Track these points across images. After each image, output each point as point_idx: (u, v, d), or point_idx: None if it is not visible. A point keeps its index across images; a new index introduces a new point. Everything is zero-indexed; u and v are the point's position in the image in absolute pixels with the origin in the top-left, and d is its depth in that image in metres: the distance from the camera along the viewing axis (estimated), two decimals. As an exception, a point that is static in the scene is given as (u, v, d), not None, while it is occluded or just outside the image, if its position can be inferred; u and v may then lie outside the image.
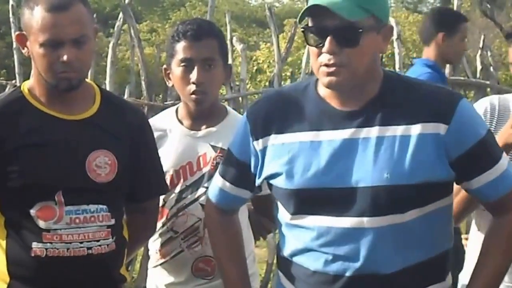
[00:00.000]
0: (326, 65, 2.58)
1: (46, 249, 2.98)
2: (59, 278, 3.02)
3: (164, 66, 3.62)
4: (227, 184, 2.92)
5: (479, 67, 7.35)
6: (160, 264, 3.62)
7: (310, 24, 2.62)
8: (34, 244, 2.98)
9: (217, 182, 2.96)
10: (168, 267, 3.58)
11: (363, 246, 2.60)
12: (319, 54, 2.59)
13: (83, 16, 3.02)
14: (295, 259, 2.73)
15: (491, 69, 7.45)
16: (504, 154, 2.76)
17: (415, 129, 2.61)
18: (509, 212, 2.73)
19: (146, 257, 6.59)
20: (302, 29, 2.67)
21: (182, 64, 3.46)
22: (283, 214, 2.75)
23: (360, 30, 2.55)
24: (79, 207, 3.01)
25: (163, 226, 3.53)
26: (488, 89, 7.15)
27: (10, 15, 7.02)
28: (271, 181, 2.75)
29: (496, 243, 2.76)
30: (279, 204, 2.79)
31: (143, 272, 7.05)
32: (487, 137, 2.68)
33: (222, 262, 3.05)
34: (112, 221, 3.09)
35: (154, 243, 3.59)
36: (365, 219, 2.60)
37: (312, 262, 2.67)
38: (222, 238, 3.02)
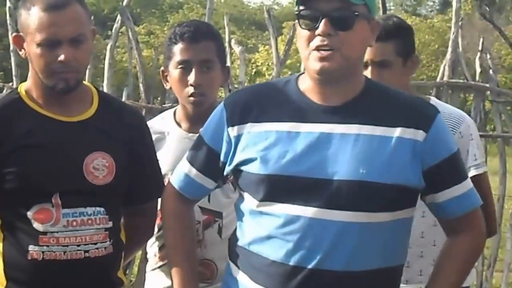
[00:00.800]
0: (318, 49, 2.61)
1: (43, 252, 2.98)
2: (56, 281, 3.02)
3: (162, 68, 3.64)
4: (194, 170, 2.94)
5: (478, 70, 7.37)
6: (159, 267, 3.63)
7: (303, 8, 2.65)
8: (31, 247, 2.98)
9: (183, 168, 2.98)
10: (167, 271, 3.53)
11: (328, 239, 2.63)
12: (311, 38, 2.62)
13: (80, 15, 3.03)
14: (253, 248, 2.75)
15: (491, 72, 7.47)
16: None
17: (395, 132, 2.67)
18: (467, 232, 2.82)
19: (144, 260, 6.59)
20: (296, 13, 2.68)
21: (180, 66, 3.47)
22: (249, 202, 2.78)
23: (356, 13, 2.61)
24: (76, 210, 3.01)
25: (161, 229, 3.51)
26: (488, 92, 7.16)
27: (7, 17, 7.03)
28: (243, 167, 2.77)
29: (451, 262, 2.82)
30: (244, 194, 2.80)
31: (141, 276, 7.05)
32: (458, 154, 2.78)
33: (170, 244, 3.06)
34: (110, 224, 3.09)
35: (152, 246, 3.60)
36: (334, 211, 2.62)
37: (273, 251, 2.69)
38: (176, 223, 3.03)
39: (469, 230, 2.80)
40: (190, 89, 3.45)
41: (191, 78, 3.44)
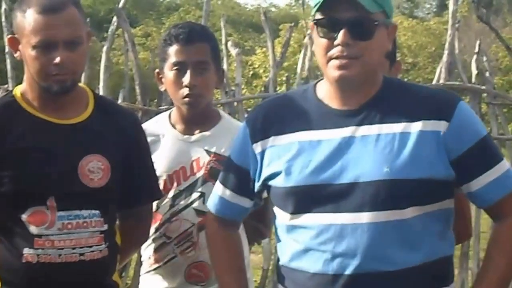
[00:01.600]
0: (338, 58, 2.61)
1: (38, 255, 2.99)
2: (51, 284, 3.03)
3: (157, 70, 3.66)
4: (227, 192, 2.93)
5: (474, 72, 7.37)
6: (153, 270, 3.63)
7: (321, 16, 2.64)
8: (26, 250, 2.99)
9: (217, 191, 2.97)
10: (161, 273, 3.60)
11: (362, 243, 2.62)
12: (330, 47, 2.62)
13: (76, 18, 3.04)
14: (294, 264, 2.74)
15: (487, 74, 7.47)
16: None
17: (415, 126, 2.66)
18: (508, 218, 2.74)
19: (140, 263, 6.61)
20: (314, 22, 2.67)
21: (175, 67, 3.49)
22: (282, 217, 2.77)
23: (376, 23, 2.61)
24: (71, 213, 3.02)
25: (156, 231, 3.54)
26: (484, 95, 7.17)
27: (3, 18, 7.01)
28: (270, 182, 2.77)
29: (499, 248, 2.77)
30: (276, 209, 2.79)
31: (137, 279, 7.03)
32: (488, 137, 2.72)
33: (221, 276, 3.03)
34: (105, 227, 3.10)
35: (147, 249, 3.61)
36: (364, 214, 2.62)
37: (312, 264, 2.68)
38: (222, 251, 3.02)
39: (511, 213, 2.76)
40: (185, 91, 3.47)
41: (186, 79, 3.46)
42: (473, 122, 2.73)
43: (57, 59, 2.96)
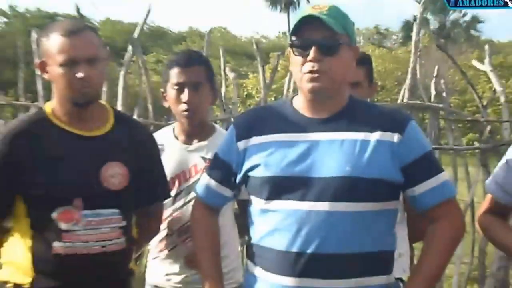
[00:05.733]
0: (310, 72, 2.67)
1: (66, 247, 2.99)
2: (77, 272, 3.02)
3: (161, 89, 3.69)
4: (212, 182, 2.98)
5: (433, 93, 7.41)
6: (159, 256, 3.68)
7: (296, 38, 2.72)
8: (55, 244, 2.98)
9: (204, 180, 3.02)
10: (165, 259, 3.64)
11: (322, 227, 2.64)
12: (303, 63, 2.69)
13: (94, 39, 3.07)
14: (263, 243, 2.77)
15: (444, 94, 7.53)
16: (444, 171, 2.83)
17: (374, 136, 2.70)
18: (444, 219, 2.79)
19: (152, 253, 6.56)
20: (290, 44, 2.74)
21: (175, 87, 3.54)
22: (256, 203, 2.80)
23: (340, 42, 2.67)
24: (94, 211, 3.02)
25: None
26: (442, 112, 7.20)
27: (33, 46, 7.03)
28: (250, 173, 2.81)
29: (432, 247, 2.80)
30: (252, 197, 2.83)
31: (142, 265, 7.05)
32: (431, 152, 2.79)
33: (199, 251, 3.06)
34: (123, 223, 3.10)
35: (154, 239, 3.63)
36: (325, 203, 2.65)
37: (278, 242, 2.70)
38: (202, 231, 3.06)
39: (446, 217, 2.78)
40: (184, 106, 3.53)
41: (184, 97, 3.52)
42: (421, 137, 2.79)
43: (80, 74, 2.97)
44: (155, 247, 3.68)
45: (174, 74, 3.55)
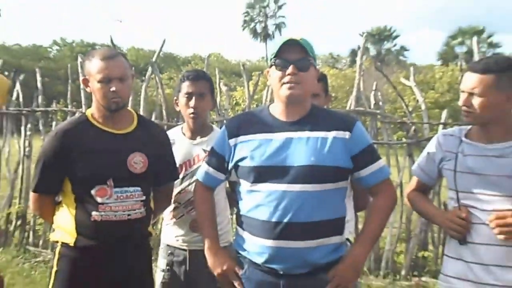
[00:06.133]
0: (288, 82, 2.73)
1: (101, 216, 3.01)
2: (109, 234, 3.03)
3: (175, 97, 3.71)
4: (210, 169, 2.99)
5: (373, 102, 7.43)
6: (170, 223, 3.69)
7: (277, 59, 2.76)
8: (93, 213, 3.00)
9: (204, 167, 3.04)
10: (175, 225, 3.65)
11: (294, 203, 2.67)
12: (283, 76, 2.74)
13: (123, 63, 3.09)
14: (250, 214, 2.78)
15: (380, 103, 7.54)
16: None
17: (331, 134, 2.74)
18: (383, 193, 2.85)
19: (165, 221, 6.50)
20: (272, 62, 2.79)
21: (185, 96, 3.57)
22: (245, 185, 2.82)
23: (310, 61, 2.75)
24: (122, 189, 3.04)
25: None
26: (378, 116, 7.21)
27: (79, 68, 7.02)
28: (239, 163, 2.82)
29: (373, 215, 2.85)
30: (241, 180, 2.84)
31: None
32: (372, 144, 2.83)
33: (200, 217, 3.10)
34: (143, 198, 3.11)
35: (167, 210, 3.64)
36: (297, 185, 2.67)
37: (261, 214, 2.72)
38: (203, 204, 3.07)
39: (384, 192, 2.83)
40: (191, 110, 3.56)
41: (191, 103, 3.55)
42: (364, 134, 2.83)
43: (113, 88, 3.02)
44: (168, 216, 3.68)
45: (185, 86, 3.57)
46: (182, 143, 3.62)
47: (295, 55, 2.73)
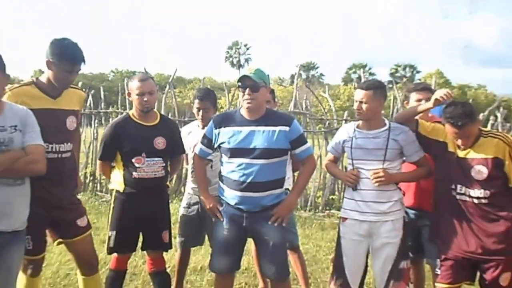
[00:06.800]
0: (246, 100, 2.64)
1: (138, 174, 2.96)
2: (143, 186, 2.98)
3: (192, 104, 3.54)
4: (203, 146, 2.89)
5: (304, 106, 7.43)
6: (190, 180, 3.49)
7: (240, 84, 2.66)
8: (134, 173, 2.96)
9: (199, 145, 2.92)
10: (192, 181, 3.44)
11: (254, 170, 2.63)
12: (244, 95, 2.64)
13: (152, 83, 3.03)
14: (227, 175, 2.73)
15: (308, 107, 7.55)
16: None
17: (277, 128, 2.66)
18: (308, 162, 2.79)
19: (177, 179, 6.45)
20: (238, 85, 2.69)
21: (196, 108, 3.40)
22: (224, 158, 2.75)
23: (259, 85, 2.64)
24: (151, 159, 2.98)
25: (192, 168, 3.42)
26: (307, 115, 7.23)
27: (125, 86, 6.87)
28: (221, 145, 2.75)
29: (301, 175, 2.83)
30: (223, 155, 2.77)
31: (177, 185, 6.98)
32: (303, 133, 2.76)
33: (197, 175, 3.03)
34: (164, 164, 3.05)
35: (189, 172, 3.50)
36: (258, 160, 2.63)
37: (234, 176, 2.68)
38: (199, 168, 2.99)
39: (309, 162, 2.79)
40: (200, 118, 3.39)
41: (200, 115, 3.39)
42: (298, 127, 2.75)
43: (145, 99, 2.96)
44: (189, 176, 3.50)
45: (196, 103, 3.39)
46: (196, 132, 3.43)
47: (249, 82, 2.64)
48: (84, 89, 3.76)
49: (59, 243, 2.82)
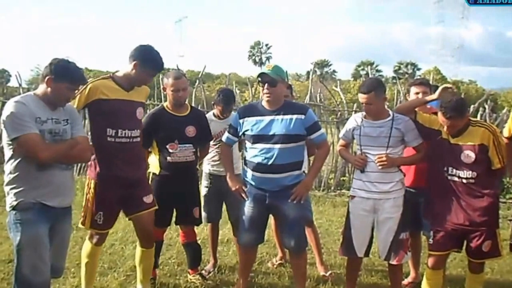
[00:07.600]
0: (266, 93, 2.63)
1: (172, 158, 2.97)
2: (176, 168, 3.00)
3: (213, 103, 3.50)
4: (229, 135, 2.87)
5: (318, 99, 7.33)
6: (209, 163, 3.47)
7: (260, 79, 2.65)
8: (168, 158, 2.98)
9: (226, 134, 2.91)
10: (212, 164, 3.44)
11: (274, 154, 2.62)
12: (263, 89, 2.63)
13: (184, 80, 3.02)
14: (251, 159, 2.72)
15: (322, 100, 7.48)
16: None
17: (294, 116, 2.64)
18: (322, 147, 2.77)
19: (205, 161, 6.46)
20: (258, 81, 2.69)
21: (219, 107, 3.37)
22: (248, 144, 2.74)
23: (277, 81, 2.61)
24: (183, 145, 2.99)
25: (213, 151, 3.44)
26: (321, 107, 7.18)
27: (161, 81, 6.98)
28: (246, 132, 2.73)
29: (317, 158, 2.80)
30: (247, 142, 2.76)
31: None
32: (317, 121, 2.74)
33: (224, 161, 2.99)
34: (194, 150, 3.06)
35: (209, 155, 3.45)
36: (277, 145, 2.61)
37: (257, 159, 2.67)
38: (226, 154, 2.95)
39: (323, 147, 2.77)
40: (221, 113, 3.36)
41: (221, 110, 3.36)
42: (313, 115, 2.74)
43: (179, 94, 2.96)
44: (210, 158, 3.43)
45: (218, 101, 3.36)
46: (216, 122, 3.38)
47: (267, 78, 2.63)
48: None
49: (130, 219, 2.81)
